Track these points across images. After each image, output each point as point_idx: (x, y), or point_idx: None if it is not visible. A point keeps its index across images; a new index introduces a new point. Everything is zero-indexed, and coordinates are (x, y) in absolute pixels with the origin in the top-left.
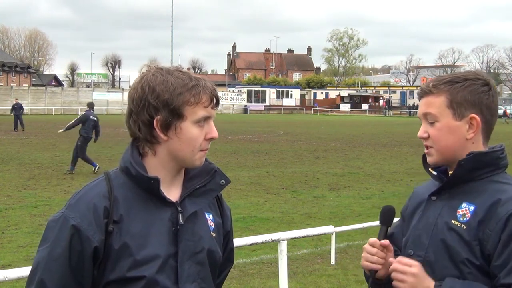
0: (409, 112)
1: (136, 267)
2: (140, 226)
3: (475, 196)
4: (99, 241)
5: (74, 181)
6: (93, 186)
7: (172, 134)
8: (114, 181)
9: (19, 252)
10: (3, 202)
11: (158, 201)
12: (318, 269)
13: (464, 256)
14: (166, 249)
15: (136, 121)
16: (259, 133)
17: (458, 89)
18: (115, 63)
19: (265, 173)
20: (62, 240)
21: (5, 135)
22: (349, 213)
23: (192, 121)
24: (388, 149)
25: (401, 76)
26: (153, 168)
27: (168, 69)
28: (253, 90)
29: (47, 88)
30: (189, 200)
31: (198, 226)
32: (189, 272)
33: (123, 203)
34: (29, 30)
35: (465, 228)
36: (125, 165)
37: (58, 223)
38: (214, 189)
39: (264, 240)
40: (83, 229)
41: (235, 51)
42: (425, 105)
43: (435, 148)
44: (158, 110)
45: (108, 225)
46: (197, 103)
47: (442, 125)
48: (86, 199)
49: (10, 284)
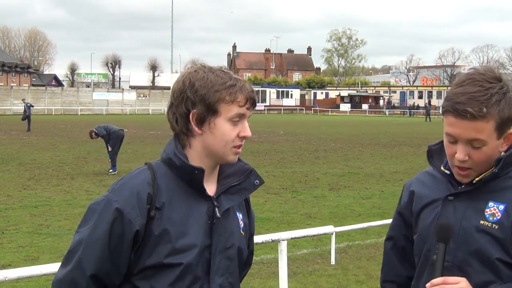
0: (409, 112)
1: (174, 254)
2: (180, 215)
3: (501, 194)
4: (140, 225)
5: (74, 181)
6: (136, 174)
7: (206, 129)
8: (157, 171)
9: (19, 252)
10: (3, 202)
11: (197, 194)
12: (318, 269)
13: (495, 256)
14: (203, 240)
15: (175, 113)
16: (259, 133)
17: (504, 106)
18: (115, 63)
19: (265, 173)
20: (104, 222)
21: (5, 135)
22: (349, 213)
23: (226, 118)
24: (388, 149)
25: (401, 76)
26: (192, 159)
27: (211, 68)
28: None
29: (47, 88)
30: (224, 196)
31: (230, 223)
32: (220, 266)
33: (165, 192)
34: (29, 30)
35: (497, 227)
36: (168, 156)
37: (101, 205)
38: (248, 188)
39: (264, 240)
40: (126, 212)
41: (235, 51)
42: (473, 131)
43: (476, 169)
44: (194, 104)
45: (151, 210)
46: (232, 101)
47: (489, 149)
48: (130, 185)
49: (10, 284)
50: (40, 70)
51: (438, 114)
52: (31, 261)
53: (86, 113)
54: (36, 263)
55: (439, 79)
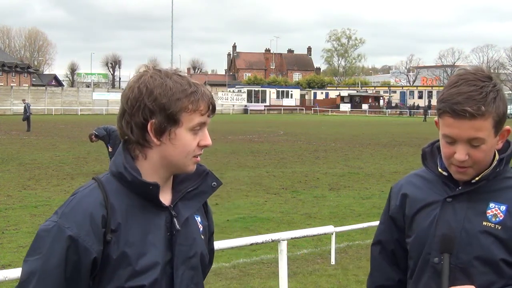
0: (409, 112)
1: (135, 276)
2: (138, 234)
3: (500, 195)
4: (98, 251)
5: (74, 181)
6: (86, 194)
7: (166, 139)
8: (107, 187)
9: (19, 252)
10: (3, 202)
11: (153, 207)
12: (318, 269)
13: (500, 257)
14: (164, 256)
15: (129, 122)
16: (259, 133)
17: (499, 103)
18: (115, 63)
19: (265, 173)
20: (57, 251)
21: (5, 135)
22: (349, 213)
23: (188, 127)
24: (388, 149)
25: (401, 76)
26: (145, 172)
27: (167, 72)
28: (253, 90)
29: (47, 88)
30: (182, 204)
31: (191, 230)
32: (183, 278)
33: (119, 211)
34: (29, 30)
35: (500, 228)
36: (119, 170)
37: (52, 233)
38: (206, 191)
39: (264, 240)
40: (81, 239)
41: (235, 51)
42: (473, 130)
43: (475, 168)
44: (153, 113)
45: (106, 234)
46: (194, 110)
47: (487, 147)
48: (82, 208)
49: (10, 284)
50: (40, 70)
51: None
52: None
53: (86, 113)
54: None
55: (439, 79)
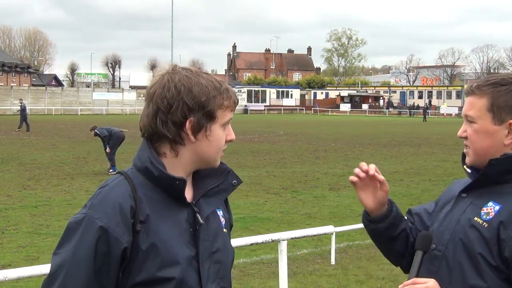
0: (409, 112)
1: (165, 267)
2: (164, 227)
3: (502, 197)
4: (128, 242)
5: (74, 181)
6: (114, 186)
7: (202, 136)
8: (134, 181)
9: (19, 252)
10: (3, 202)
11: (176, 202)
12: (318, 269)
13: (478, 251)
14: (189, 250)
15: (165, 120)
16: (259, 133)
17: (502, 92)
18: (115, 63)
19: (265, 173)
20: (87, 242)
21: (5, 135)
22: (349, 213)
23: (221, 123)
24: (388, 149)
25: (401, 76)
26: (170, 168)
27: (196, 71)
28: (253, 90)
29: (47, 88)
30: (203, 200)
31: (213, 225)
32: (210, 272)
33: (147, 203)
34: (29, 30)
35: (486, 226)
36: (144, 165)
37: (82, 225)
38: (227, 189)
39: (264, 240)
40: (111, 230)
41: (235, 51)
42: (467, 105)
43: (472, 149)
44: (192, 111)
45: (136, 225)
46: (227, 107)
47: (479, 127)
48: (110, 199)
49: (10, 284)
50: (40, 70)
51: (438, 114)
52: (31, 261)
53: (86, 113)
54: (36, 263)
55: (439, 79)
